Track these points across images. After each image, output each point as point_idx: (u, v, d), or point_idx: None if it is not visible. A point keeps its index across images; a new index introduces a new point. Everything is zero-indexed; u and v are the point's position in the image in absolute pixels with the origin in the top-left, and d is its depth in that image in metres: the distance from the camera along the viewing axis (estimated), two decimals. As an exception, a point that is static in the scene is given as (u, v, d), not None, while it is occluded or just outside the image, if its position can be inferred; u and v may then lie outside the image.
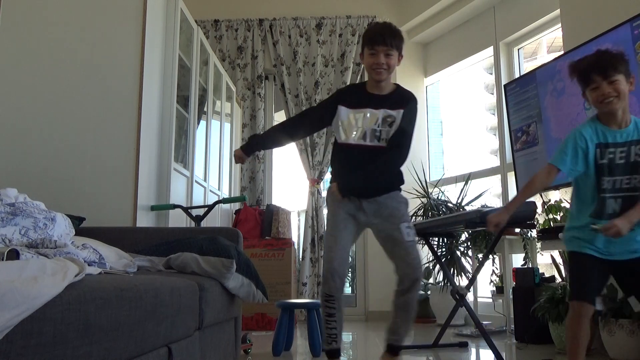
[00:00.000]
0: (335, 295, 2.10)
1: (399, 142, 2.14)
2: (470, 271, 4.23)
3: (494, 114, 4.69)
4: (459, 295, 3.05)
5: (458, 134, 5.40)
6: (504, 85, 3.83)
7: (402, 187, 2.23)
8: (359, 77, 5.09)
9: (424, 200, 4.61)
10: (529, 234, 3.61)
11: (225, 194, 4.39)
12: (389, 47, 2.10)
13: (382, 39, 2.10)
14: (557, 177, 1.92)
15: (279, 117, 5.48)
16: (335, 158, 2.26)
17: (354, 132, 2.15)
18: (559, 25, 3.58)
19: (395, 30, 2.15)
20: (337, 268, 2.09)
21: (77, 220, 2.28)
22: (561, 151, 1.86)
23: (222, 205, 4.23)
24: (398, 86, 2.24)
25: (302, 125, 2.37)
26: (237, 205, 4.76)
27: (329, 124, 2.24)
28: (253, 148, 2.36)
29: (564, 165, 1.85)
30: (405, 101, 2.17)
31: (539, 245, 3.57)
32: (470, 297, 4.01)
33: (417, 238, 2.16)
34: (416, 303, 2.12)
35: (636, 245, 1.82)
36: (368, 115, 2.14)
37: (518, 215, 2.79)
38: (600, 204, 1.81)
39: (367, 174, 2.13)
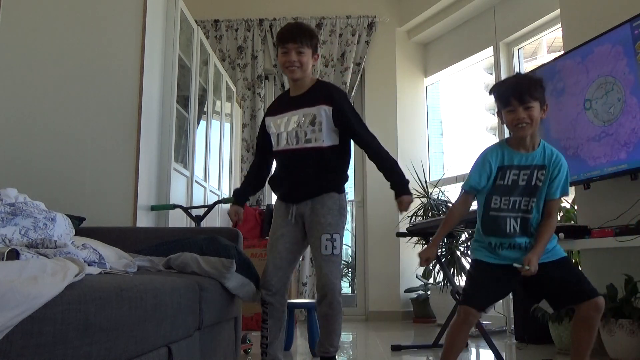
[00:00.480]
0: (268, 301, 2.13)
1: (368, 142, 2.17)
2: (470, 271, 4.22)
3: (494, 114, 4.69)
4: (459, 295, 3.05)
5: (458, 134, 5.40)
6: (504, 85, 3.82)
7: (344, 187, 2.17)
8: (358, 77, 5.09)
9: (424, 200, 4.61)
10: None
11: (225, 194, 4.39)
12: (299, 45, 2.09)
13: (292, 36, 2.10)
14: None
15: (279, 117, 5.47)
16: (276, 168, 2.30)
17: (281, 138, 2.16)
18: (559, 25, 3.58)
19: (305, 28, 2.15)
20: (268, 275, 2.13)
21: (77, 220, 2.28)
22: (470, 177, 1.98)
23: (222, 205, 4.23)
24: (318, 81, 2.22)
25: (262, 161, 2.36)
26: (237, 205, 4.75)
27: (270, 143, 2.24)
28: (242, 199, 2.36)
29: (474, 190, 1.96)
30: (325, 95, 2.12)
31: (539, 245, 3.56)
32: (470, 297, 4.00)
33: (337, 253, 2.07)
34: (335, 319, 2.07)
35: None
36: (289, 118, 2.14)
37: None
38: (494, 221, 1.89)
39: (297, 181, 2.13)
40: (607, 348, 2.69)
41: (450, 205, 4.49)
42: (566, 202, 3.33)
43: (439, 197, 4.65)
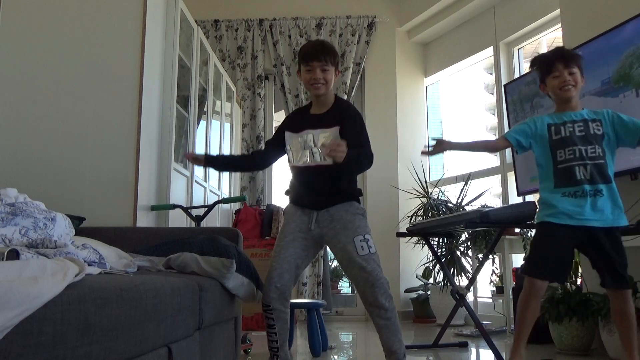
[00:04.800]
0: (272, 305, 2.09)
1: (356, 157, 2.02)
2: (470, 271, 4.23)
3: (494, 114, 4.69)
4: (459, 295, 3.05)
5: (458, 134, 5.40)
6: (504, 85, 3.83)
7: (360, 197, 2.20)
8: (358, 77, 5.09)
9: (424, 200, 4.61)
10: (528, 234, 3.62)
11: (225, 194, 4.39)
12: (323, 63, 2.14)
13: (316, 54, 2.14)
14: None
15: (279, 117, 5.49)
16: (292, 178, 2.28)
17: (299, 155, 2.17)
18: (559, 25, 3.58)
19: (328, 47, 2.20)
20: (274, 279, 2.08)
21: (77, 220, 2.28)
22: (514, 128, 2.18)
23: (222, 205, 4.23)
24: (337, 99, 2.25)
25: (267, 154, 2.34)
26: (237, 205, 4.76)
27: (283, 152, 2.27)
28: (214, 159, 2.34)
29: (512, 140, 2.13)
30: (341, 115, 2.16)
31: (539, 245, 3.56)
32: (470, 297, 4.01)
33: (374, 251, 2.07)
34: (395, 318, 2.03)
35: (609, 214, 1.98)
36: (307, 137, 2.16)
37: (518, 215, 2.80)
38: (565, 172, 2.01)
39: (316, 193, 2.15)
40: (607, 348, 2.70)
41: (450, 204, 4.50)
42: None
43: (439, 197, 4.65)
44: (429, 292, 4.67)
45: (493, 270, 4.07)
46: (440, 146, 2.22)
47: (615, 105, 2.76)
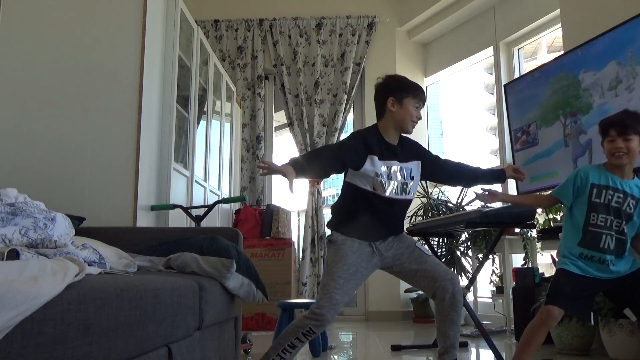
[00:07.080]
0: (317, 333, 2.07)
1: (448, 163, 2.39)
2: (470, 271, 4.23)
3: (494, 114, 4.69)
4: (458, 295, 3.04)
5: (458, 134, 5.40)
6: (504, 85, 3.83)
7: None
8: (358, 77, 5.09)
9: (424, 200, 4.61)
10: (529, 234, 3.62)
11: (225, 194, 4.39)
12: (422, 107, 2.27)
13: (425, 100, 2.28)
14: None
15: (279, 117, 5.49)
16: (357, 204, 2.13)
17: (388, 185, 2.11)
18: (559, 25, 3.58)
19: None
20: (333, 312, 2.02)
21: (77, 220, 2.28)
22: (560, 187, 2.13)
23: (222, 205, 4.23)
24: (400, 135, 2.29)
25: (337, 163, 2.09)
26: (237, 205, 4.76)
27: (356, 169, 2.11)
28: (302, 171, 1.95)
29: (566, 199, 2.10)
30: (414, 151, 2.27)
31: (539, 245, 3.57)
32: (470, 297, 4.01)
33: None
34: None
35: (625, 266, 2.02)
36: (396, 168, 2.16)
37: (518, 215, 2.80)
38: (593, 236, 2.02)
39: (390, 224, 2.18)
40: (607, 348, 2.70)
41: (450, 204, 4.50)
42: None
43: (439, 197, 4.65)
44: (429, 292, 4.66)
45: (493, 270, 4.07)
46: (494, 197, 2.30)
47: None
